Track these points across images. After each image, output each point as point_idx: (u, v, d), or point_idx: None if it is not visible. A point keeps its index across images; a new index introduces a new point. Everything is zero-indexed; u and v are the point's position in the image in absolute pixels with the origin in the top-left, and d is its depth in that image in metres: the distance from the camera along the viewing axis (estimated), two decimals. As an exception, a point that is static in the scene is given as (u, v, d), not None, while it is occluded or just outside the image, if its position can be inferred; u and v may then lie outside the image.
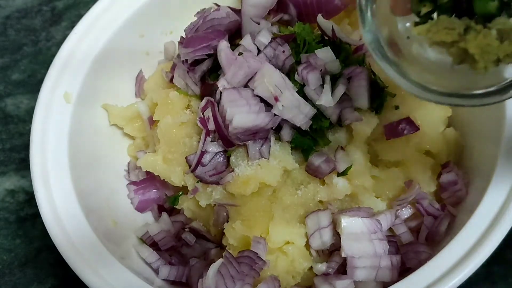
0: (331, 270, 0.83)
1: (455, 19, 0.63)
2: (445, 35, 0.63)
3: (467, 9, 0.62)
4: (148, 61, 1.07)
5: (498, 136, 0.83)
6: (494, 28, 0.61)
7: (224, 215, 0.89)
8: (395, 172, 0.90)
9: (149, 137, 1.02)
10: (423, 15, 0.64)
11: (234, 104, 0.82)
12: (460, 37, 0.62)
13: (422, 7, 0.64)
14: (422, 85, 0.64)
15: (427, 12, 0.64)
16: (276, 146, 0.85)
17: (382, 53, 0.65)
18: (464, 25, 0.62)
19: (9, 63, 1.28)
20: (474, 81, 0.64)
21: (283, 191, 0.86)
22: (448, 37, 0.63)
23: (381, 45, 0.65)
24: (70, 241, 0.81)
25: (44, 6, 1.36)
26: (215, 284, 0.79)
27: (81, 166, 0.91)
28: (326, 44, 0.88)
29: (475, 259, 0.73)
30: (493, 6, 0.61)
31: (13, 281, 1.02)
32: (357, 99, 0.85)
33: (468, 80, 0.65)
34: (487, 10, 0.61)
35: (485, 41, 0.61)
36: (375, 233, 0.81)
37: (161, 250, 0.93)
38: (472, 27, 0.62)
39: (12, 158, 1.16)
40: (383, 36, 0.65)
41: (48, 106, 0.91)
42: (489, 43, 0.61)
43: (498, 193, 0.79)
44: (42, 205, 0.84)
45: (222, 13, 0.94)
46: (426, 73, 0.66)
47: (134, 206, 0.98)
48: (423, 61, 0.67)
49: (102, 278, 0.78)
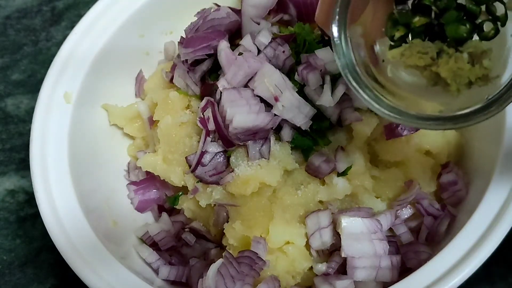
0: (331, 270, 0.83)
1: (428, 43, 0.63)
2: (418, 59, 0.63)
3: (440, 33, 0.63)
4: (148, 61, 1.07)
5: (498, 136, 0.84)
6: (466, 52, 0.61)
7: (224, 215, 0.89)
8: (395, 172, 0.90)
9: (149, 137, 1.02)
10: (397, 39, 0.64)
11: (234, 104, 0.82)
12: (433, 61, 0.63)
13: (396, 31, 0.64)
14: (399, 109, 0.63)
15: (400, 36, 0.64)
16: (276, 146, 0.85)
17: (355, 78, 0.64)
18: (437, 49, 0.62)
19: (9, 63, 1.28)
20: (453, 102, 0.64)
21: (283, 191, 0.86)
22: (421, 61, 0.63)
23: (355, 70, 0.64)
24: (70, 241, 0.81)
25: (44, 6, 1.36)
26: (215, 284, 0.79)
27: (81, 166, 0.91)
28: (326, 44, 0.88)
29: (475, 259, 0.73)
30: (464, 30, 0.61)
31: (13, 281, 1.02)
32: (357, 99, 0.85)
33: (446, 102, 0.65)
34: (459, 34, 0.61)
35: (456, 64, 0.61)
36: (375, 233, 0.81)
37: (161, 250, 0.93)
38: (445, 51, 0.62)
39: (12, 158, 1.16)
40: (356, 61, 0.64)
41: (48, 106, 0.91)
42: (460, 66, 0.61)
43: (498, 193, 0.79)
44: (42, 205, 0.84)
45: (222, 13, 0.94)
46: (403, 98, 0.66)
47: (134, 206, 0.98)
48: (399, 85, 0.67)
49: (102, 278, 0.78)
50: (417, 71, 0.64)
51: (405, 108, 0.63)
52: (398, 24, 0.64)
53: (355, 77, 0.64)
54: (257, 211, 0.85)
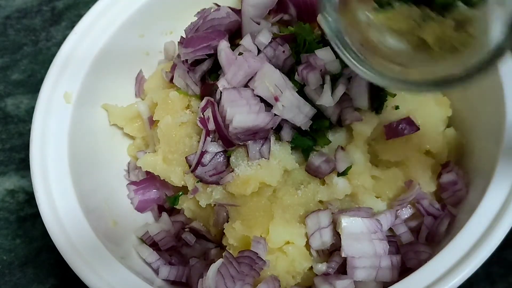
0: (331, 270, 0.83)
1: (413, 7, 0.63)
2: (404, 24, 0.63)
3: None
4: (148, 61, 1.08)
5: (498, 135, 0.83)
6: (451, 18, 0.61)
7: (224, 215, 0.89)
8: (395, 172, 0.90)
9: (149, 137, 1.02)
10: (383, 2, 0.64)
11: (234, 104, 0.82)
12: (418, 25, 0.62)
13: None
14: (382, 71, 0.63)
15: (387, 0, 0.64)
16: (276, 146, 0.85)
17: (341, 40, 0.63)
18: (422, 14, 0.62)
19: (9, 63, 1.28)
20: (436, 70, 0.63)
21: (283, 191, 0.86)
22: (406, 25, 0.63)
23: (341, 32, 0.63)
24: (70, 241, 0.81)
25: (44, 6, 1.36)
26: (215, 284, 0.79)
27: (81, 166, 0.91)
28: (326, 44, 0.88)
29: (475, 259, 0.73)
30: None
31: (13, 281, 1.02)
32: (357, 99, 0.85)
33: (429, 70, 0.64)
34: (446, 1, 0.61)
35: (441, 29, 0.61)
36: (375, 233, 0.81)
37: (161, 250, 0.93)
38: (430, 16, 0.62)
39: (12, 158, 1.16)
40: (342, 25, 0.64)
41: (48, 106, 0.91)
42: (445, 32, 0.61)
43: (498, 193, 0.79)
44: (42, 205, 0.84)
45: (222, 13, 0.94)
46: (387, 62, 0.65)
47: (134, 206, 0.98)
48: (384, 49, 0.67)
49: (102, 278, 0.78)
50: (402, 36, 0.64)
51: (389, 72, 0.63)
52: None
53: (341, 39, 0.63)
54: (257, 211, 0.85)
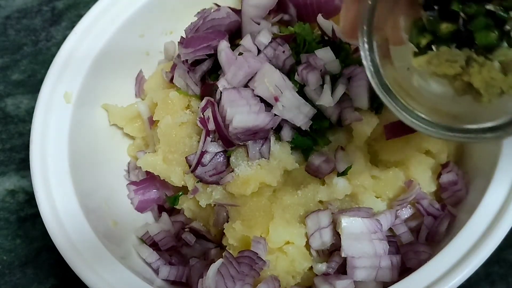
0: (331, 270, 0.83)
1: (456, 50, 0.61)
2: (448, 68, 0.61)
3: (467, 40, 0.60)
4: (148, 61, 1.07)
5: (498, 136, 0.83)
6: (496, 60, 0.60)
7: (224, 215, 0.89)
8: (395, 172, 0.90)
9: (149, 137, 1.02)
10: (423, 46, 0.62)
11: (234, 104, 0.82)
12: (463, 70, 0.61)
13: (422, 38, 0.62)
14: (429, 120, 0.62)
15: (427, 43, 0.62)
16: (276, 146, 0.85)
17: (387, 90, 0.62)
18: (465, 57, 0.61)
19: (9, 63, 1.28)
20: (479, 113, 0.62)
21: (283, 191, 0.86)
22: (451, 70, 0.61)
23: (385, 83, 0.62)
24: (70, 241, 0.81)
25: (44, 6, 1.36)
26: (215, 284, 0.79)
27: (81, 166, 0.91)
28: (326, 44, 0.88)
29: (475, 259, 0.73)
30: (494, 37, 0.59)
31: (13, 281, 1.02)
32: (357, 99, 0.85)
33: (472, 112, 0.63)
34: (488, 41, 0.59)
35: (490, 74, 0.60)
36: (375, 233, 0.81)
37: (161, 250, 0.93)
38: (474, 59, 0.60)
39: (12, 158, 1.16)
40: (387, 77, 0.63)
41: (48, 106, 0.91)
42: (494, 76, 0.60)
43: (498, 193, 0.79)
44: (42, 205, 0.84)
45: (222, 13, 0.94)
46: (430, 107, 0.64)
47: (134, 206, 0.98)
48: (424, 95, 0.65)
49: (102, 278, 0.78)
50: (446, 81, 0.62)
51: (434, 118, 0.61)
52: (425, 31, 0.62)
53: (385, 88, 0.62)
54: (257, 211, 0.85)
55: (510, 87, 0.60)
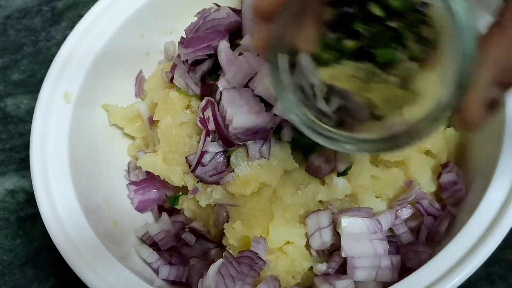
0: (331, 270, 0.83)
1: (360, 64, 0.61)
2: (350, 83, 0.61)
3: (370, 55, 0.60)
4: (148, 61, 1.07)
5: (498, 135, 0.83)
6: (397, 75, 0.60)
7: (224, 215, 0.89)
8: (395, 172, 0.90)
9: (149, 137, 1.02)
10: (327, 61, 0.62)
11: (234, 104, 0.82)
12: (364, 85, 0.61)
13: (327, 54, 0.61)
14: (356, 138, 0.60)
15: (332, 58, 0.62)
16: (276, 146, 0.85)
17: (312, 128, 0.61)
18: (369, 72, 0.61)
19: (9, 63, 1.28)
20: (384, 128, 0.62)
21: (283, 191, 0.86)
22: (352, 85, 0.61)
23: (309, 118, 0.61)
24: (70, 241, 0.81)
25: (44, 6, 1.36)
26: (215, 284, 0.79)
27: (81, 166, 0.91)
28: (326, 44, 0.88)
29: (475, 259, 0.73)
30: (393, 53, 0.59)
31: (13, 281, 1.02)
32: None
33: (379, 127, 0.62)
34: (389, 58, 0.59)
35: (390, 91, 0.60)
36: (375, 233, 0.81)
37: (161, 250, 0.93)
38: (376, 74, 0.60)
39: (12, 158, 1.16)
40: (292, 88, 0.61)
41: (48, 106, 0.91)
42: (394, 93, 0.60)
43: (498, 193, 0.79)
44: (42, 205, 0.84)
45: (222, 13, 0.94)
46: None
47: (134, 206, 0.98)
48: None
49: (102, 278, 0.78)
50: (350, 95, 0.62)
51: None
52: (330, 48, 0.61)
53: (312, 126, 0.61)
54: (257, 211, 0.85)
55: (406, 102, 0.60)
